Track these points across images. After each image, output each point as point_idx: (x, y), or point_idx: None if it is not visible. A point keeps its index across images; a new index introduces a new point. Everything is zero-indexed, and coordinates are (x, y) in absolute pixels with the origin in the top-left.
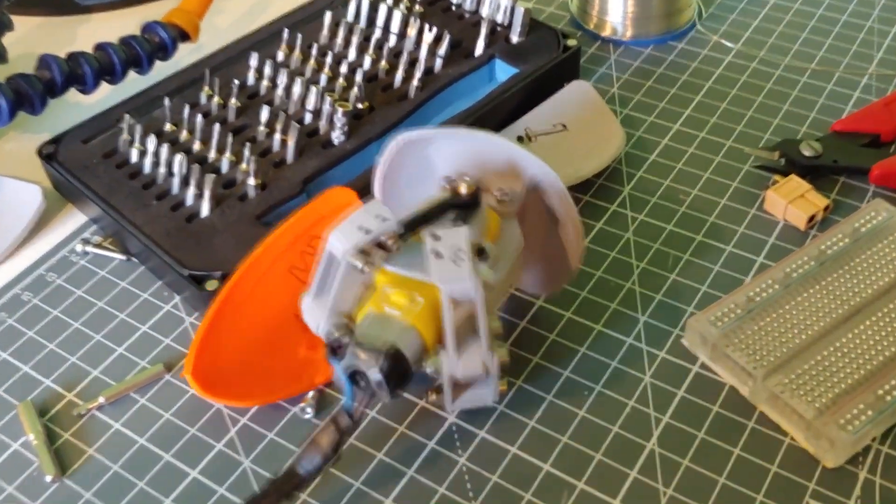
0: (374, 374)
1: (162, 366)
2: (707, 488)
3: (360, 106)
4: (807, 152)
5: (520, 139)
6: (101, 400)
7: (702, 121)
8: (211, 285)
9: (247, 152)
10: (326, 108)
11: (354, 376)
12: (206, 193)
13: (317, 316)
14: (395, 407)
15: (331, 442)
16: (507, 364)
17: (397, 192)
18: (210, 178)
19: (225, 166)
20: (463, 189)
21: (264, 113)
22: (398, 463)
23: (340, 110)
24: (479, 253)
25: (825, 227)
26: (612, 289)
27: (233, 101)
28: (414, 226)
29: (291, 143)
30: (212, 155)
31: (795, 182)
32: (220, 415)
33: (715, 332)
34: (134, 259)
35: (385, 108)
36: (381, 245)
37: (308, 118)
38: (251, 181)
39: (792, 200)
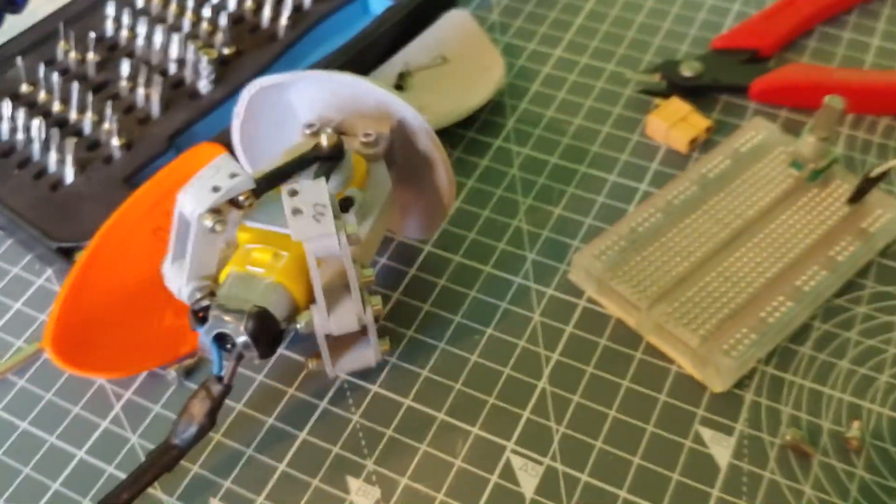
0: (241, 337)
1: (38, 345)
2: (598, 421)
3: (226, 51)
4: (687, 73)
5: (401, 75)
6: None
7: (583, 45)
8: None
9: (109, 110)
10: (191, 56)
11: (221, 340)
12: (69, 158)
13: (178, 280)
14: (283, 368)
15: (204, 409)
16: (382, 314)
17: (258, 141)
18: (71, 142)
19: (87, 127)
20: (324, 141)
21: (125, 66)
22: (289, 426)
23: (205, 58)
24: (345, 202)
25: (707, 149)
26: (499, 228)
27: (91, 56)
28: (271, 181)
29: (156, 97)
30: (73, 116)
31: (676, 104)
32: (104, 391)
33: (599, 267)
34: (1, 231)
35: (254, 51)
36: (234, 203)
37: (173, 68)
38: (115, 141)
39: (673, 124)
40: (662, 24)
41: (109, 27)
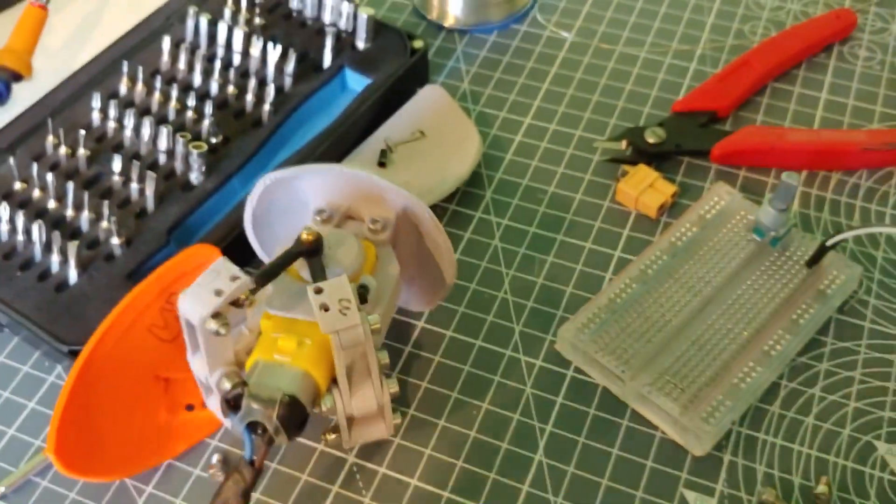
0: (273, 424)
1: (44, 452)
2: (592, 491)
3: (214, 140)
4: (651, 139)
5: (383, 152)
6: (2, 489)
7: (551, 111)
8: None
9: (106, 209)
10: (180, 148)
11: (253, 426)
12: (72, 261)
13: (203, 370)
14: (295, 454)
15: (238, 492)
16: (398, 394)
17: (268, 226)
18: (74, 245)
19: (85, 224)
20: (304, 235)
21: (117, 161)
22: None
23: (195, 151)
24: (362, 291)
25: (675, 213)
26: (486, 301)
27: (81, 151)
28: (267, 278)
29: (150, 192)
30: (69, 213)
31: (643, 172)
32: (125, 487)
33: (584, 339)
34: (6, 329)
35: (240, 137)
36: (234, 303)
37: (162, 159)
38: (115, 240)
39: (641, 192)
40: (625, 85)
41: (96, 117)
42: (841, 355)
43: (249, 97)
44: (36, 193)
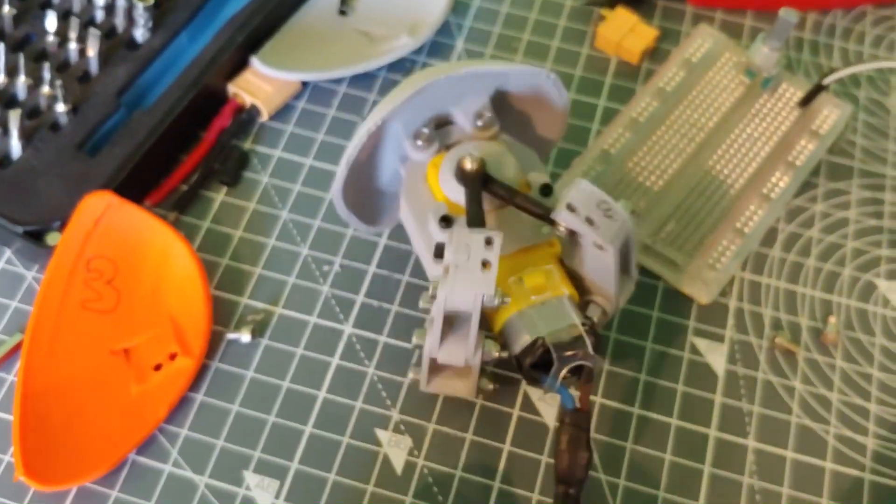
0: (593, 359)
1: (19, 334)
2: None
3: None
4: None
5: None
6: None
7: None
8: (52, 239)
9: (47, 73)
10: (121, 2)
11: (576, 371)
12: (14, 132)
13: (463, 354)
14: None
15: (582, 443)
16: None
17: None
18: (15, 114)
19: (21, 91)
20: (468, 165)
21: (50, 18)
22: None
23: (140, 5)
24: (545, 189)
25: (657, 59)
26: None
27: (6, 9)
28: (479, 221)
29: (93, 53)
30: (1, 79)
31: (622, 15)
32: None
33: None
34: None
35: None
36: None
37: (100, 16)
38: (60, 107)
39: (623, 37)
40: None
41: None
42: (835, 195)
43: None
44: None
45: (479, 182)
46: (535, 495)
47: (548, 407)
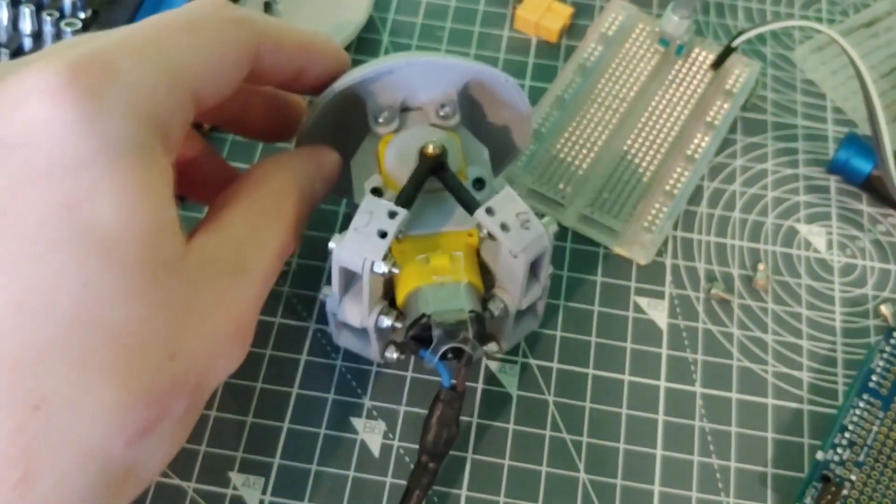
0: (471, 345)
1: None
2: (552, 312)
3: (83, 16)
4: None
5: (267, 4)
6: None
7: None
8: None
9: None
10: (49, 28)
11: (445, 355)
12: None
13: (358, 314)
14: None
15: (452, 419)
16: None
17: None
18: None
19: None
20: (430, 150)
21: None
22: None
23: (69, 30)
24: (478, 184)
25: (574, 35)
26: None
27: None
28: (409, 201)
29: None
30: None
31: None
32: None
33: (518, 172)
34: None
35: (109, 8)
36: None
37: (28, 43)
38: None
39: (540, 16)
40: None
41: None
42: (751, 149)
43: None
44: None
45: (430, 166)
46: (506, 461)
47: (508, 377)
